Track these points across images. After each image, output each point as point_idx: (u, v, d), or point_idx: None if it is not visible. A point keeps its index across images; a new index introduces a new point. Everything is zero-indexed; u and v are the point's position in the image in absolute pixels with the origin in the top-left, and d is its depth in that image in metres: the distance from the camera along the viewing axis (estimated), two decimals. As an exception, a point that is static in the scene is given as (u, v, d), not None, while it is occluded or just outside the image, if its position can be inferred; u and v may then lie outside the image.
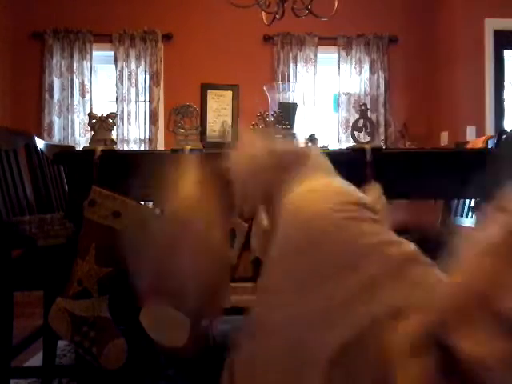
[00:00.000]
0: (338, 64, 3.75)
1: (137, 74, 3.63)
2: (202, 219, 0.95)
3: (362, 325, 0.53)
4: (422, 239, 1.69)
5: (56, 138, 3.54)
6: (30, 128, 3.05)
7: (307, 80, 3.71)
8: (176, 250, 0.93)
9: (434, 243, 0.70)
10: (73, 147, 3.17)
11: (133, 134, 3.63)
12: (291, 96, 2.06)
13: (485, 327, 0.32)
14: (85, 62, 3.60)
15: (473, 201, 1.88)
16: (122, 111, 3.60)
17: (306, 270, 0.62)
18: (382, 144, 3.53)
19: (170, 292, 0.94)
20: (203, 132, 2.42)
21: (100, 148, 1.33)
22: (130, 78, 3.63)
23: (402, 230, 1.91)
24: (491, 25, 3.30)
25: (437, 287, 0.50)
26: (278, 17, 2.46)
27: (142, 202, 1.37)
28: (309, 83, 3.70)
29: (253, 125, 1.35)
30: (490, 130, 3.28)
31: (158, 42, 3.63)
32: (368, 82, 3.75)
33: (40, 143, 2.07)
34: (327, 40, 3.74)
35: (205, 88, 2.60)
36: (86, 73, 3.61)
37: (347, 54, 3.74)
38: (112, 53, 3.61)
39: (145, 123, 3.63)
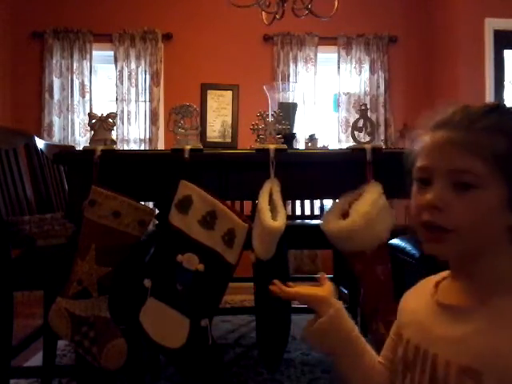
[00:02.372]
0: (338, 64, 3.75)
1: (137, 74, 3.63)
2: None
3: None
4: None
5: (56, 138, 3.53)
6: (30, 128, 3.05)
7: (307, 80, 3.70)
8: None
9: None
10: (73, 147, 3.17)
11: (133, 134, 3.62)
12: (291, 96, 2.06)
13: None
14: (85, 61, 3.59)
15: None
16: (122, 111, 3.60)
17: None
18: (381, 144, 3.53)
19: None
20: (203, 132, 2.42)
21: (100, 148, 1.33)
22: (130, 78, 3.62)
23: (401, 230, 1.91)
24: (491, 25, 3.29)
25: None
26: (278, 17, 2.46)
27: (142, 202, 1.37)
28: (309, 83, 3.70)
29: (253, 125, 1.35)
30: (489, 129, 3.27)
31: (158, 42, 3.63)
32: (368, 82, 3.75)
33: (40, 143, 2.07)
34: (327, 40, 3.74)
35: (205, 88, 2.60)
36: (86, 73, 3.60)
37: (347, 54, 3.74)
38: (112, 53, 3.61)
39: (145, 123, 3.62)
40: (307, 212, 2.96)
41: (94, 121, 1.37)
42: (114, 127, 1.41)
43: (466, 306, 0.65)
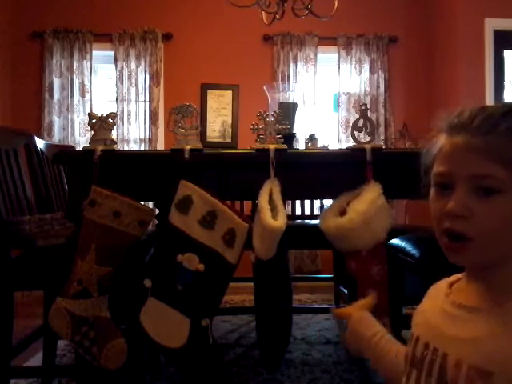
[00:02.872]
0: (338, 64, 3.75)
1: (137, 74, 3.63)
2: None
3: None
4: (421, 239, 1.69)
5: (56, 138, 3.53)
6: (30, 128, 3.05)
7: (307, 80, 3.70)
8: None
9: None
10: (73, 147, 3.17)
11: (133, 134, 3.62)
12: (291, 96, 2.06)
13: None
14: (85, 61, 3.60)
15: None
16: (122, 111, 3.60)
17: None
18: (382, 144, 3.53)
19: None
20: (203, 132, 2.42)
21: (100, 148, 1.33)
22: (129, 78, 3.62)
23: (401, 230, 1.91)
24: (491, 25, 3.29)
25: None
26: (278, 17, 2.46)
27: (142, 202, 1.37)
28: (309, 83, 3.70)
29: (253, 125, 1.35)
30: (489, 129, 3.27)
31: (158, 42, 3.63)
32: (368, 82, 3.75)
33: (40, 143, 2.07)
34: (327, 40, 3.74)
35: (205, 88, 2.60)
36: (86, 73, 3.61)
37: (347, 54, 3.74)
38: (112, 52, 3.61)
39: (145, 123, 3.62)
40: (307, 212, 2.96)
41: (94, 121, 1.37)
42: (114, 127, 1.41)
43: (482, 307, 0.64)
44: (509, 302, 0.62)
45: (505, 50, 3.34)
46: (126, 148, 3.53)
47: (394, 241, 1.77)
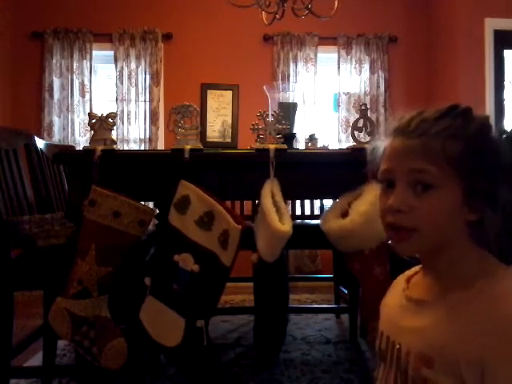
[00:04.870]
0: (338, 64, 3.75)
1: (137, 74, 3.63)
2: None
3: None
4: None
5: (56, 138, 3.53)
6: (30, 128, 3.05)
7: (307, 80, 3.70)
8: None
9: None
10: (73, 147, 3.16)
11: (133, 134, 3.62)
12: (291, 96, 2.06)
13: None
14: (85, 61, 3.59)
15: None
16: (122, 111, 3.60)
17: None
18: (381, 144, 3.52)
19: None
20: (203, 132, 2.42)
21: (100, 148, 1.33)
22: (129, 78, 3.62)
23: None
24: (491, 25, 3.29)
25: None
26: (277, 17, 2.46)
27: (142, 202, 1.37)
28: (309, 83, 3.69)
29: (253, 124, 1.35)
30: (489, 129, 3.26)
31: (158, 42, 3.63)
32: (368, 82, 3.74)
33: (40, 143, 2.07)
34: (327, 40, 3.74)
35: (205, 88, 2.60)
36: (86, 72, 3.60)
37: (347, 54, 3.74)
38: (112, 52, 3.60)
39: (145, 123, 3.62)
40: (307, 212, 2.96)
41: (94, 121, 1.37)
42: (114, 127, 1.41)
43: (429, 299, 0.70)
44: (450, 293, 0.67)
45: (505, 50, 3.34)
46: (126, 148, 3.52)
47: (394, 241, 1.77)
